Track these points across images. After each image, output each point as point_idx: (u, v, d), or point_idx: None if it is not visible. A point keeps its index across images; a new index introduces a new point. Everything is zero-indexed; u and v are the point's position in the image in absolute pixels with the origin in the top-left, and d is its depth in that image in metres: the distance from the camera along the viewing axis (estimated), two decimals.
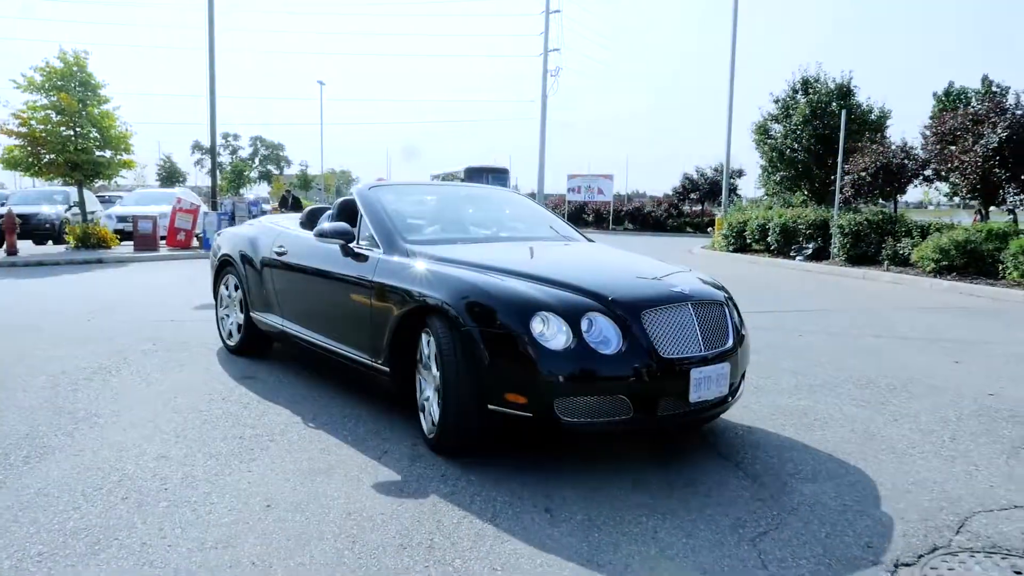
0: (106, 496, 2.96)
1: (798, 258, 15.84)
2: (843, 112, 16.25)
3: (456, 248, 4.03)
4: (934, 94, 34.60)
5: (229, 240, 5.71)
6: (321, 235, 4.23)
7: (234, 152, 68.35)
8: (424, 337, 3.56)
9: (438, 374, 3.38)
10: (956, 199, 15.94)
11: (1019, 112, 11.95)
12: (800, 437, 3.93)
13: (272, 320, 4.99)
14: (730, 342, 3.56)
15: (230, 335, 5.63)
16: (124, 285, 10.25)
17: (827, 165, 20.05)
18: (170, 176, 52.52)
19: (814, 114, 20.40)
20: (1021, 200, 12.88)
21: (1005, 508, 3.06)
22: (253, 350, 5.48)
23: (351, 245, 4.20)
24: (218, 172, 22.09)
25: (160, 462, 3.35)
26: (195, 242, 16.68)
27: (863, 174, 15.09)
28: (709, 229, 27.83)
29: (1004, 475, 3.44)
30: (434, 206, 4.98)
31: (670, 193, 40.05)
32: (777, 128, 21.77)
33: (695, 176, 38.40)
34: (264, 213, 18.13)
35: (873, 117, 21.09)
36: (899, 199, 17.34)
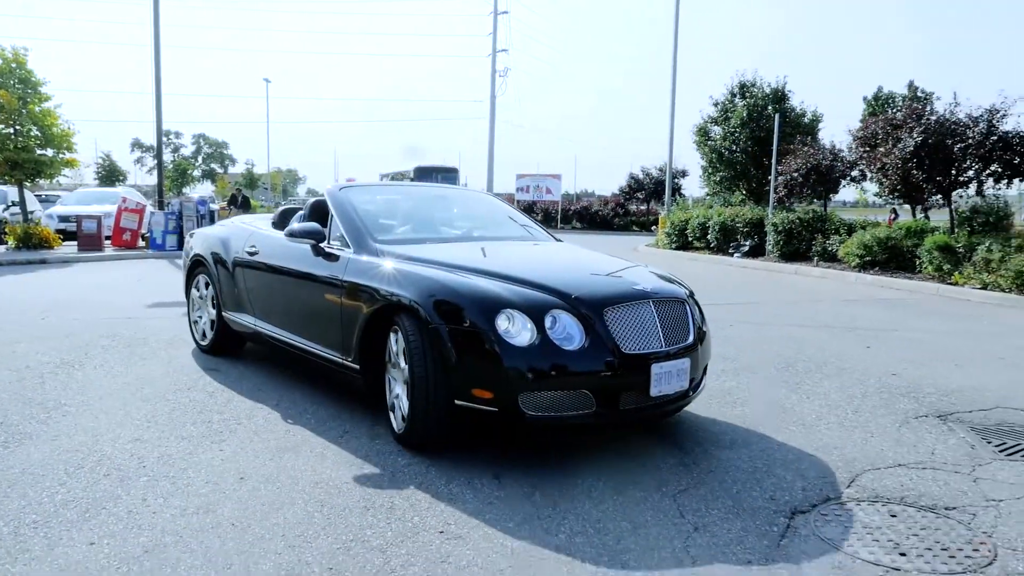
0: (88, 473, 3.21)
1: (736, 255, 16.58)
2: (777, 116, 17.07)
3: (425, 248, 4.12)
4: (864, 98, 36.23)
5: (201, 240, 5.75)
6: (292, 235, 4.32)
7: (176, 150, 66.82)
8: (393, 335, 3.65)
9: (407, 370, 3.46)
10: (884, 199, 16.89)
11: (933, 118, 12.83)
12: (723, 414, 4.38)
13: (245, 320, 5.04)
14: (691, 338, 3.68)
15: (203, 335, 5.66)
16: (73, 285, 10.23)
17: (763, 166, 20.95)
18: (109, 175, 51.05)
19: (751, 117, 21.29)
20: (937, 199, 13.80)
21: (890, 467, 3.55)
22: (226, 349, 5.53)
23: (322, 245, 4.28)
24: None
25: (135, 444, 3.60)
26: (141, 242, 16.52)
27: (795, 175, 15.91)
28: (653, 228, 28.60)
29: (894, 440, 3.94)
30: (404, 207, 5.05)
31: (617, 192, 40.86)
32: (717, 130, 22.62)
33: (640, 176, 39.26)
34: (213, 213, 18.05)
35: (806, 120, 22.11)
36: (833, 198, 18.26)
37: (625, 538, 2.73)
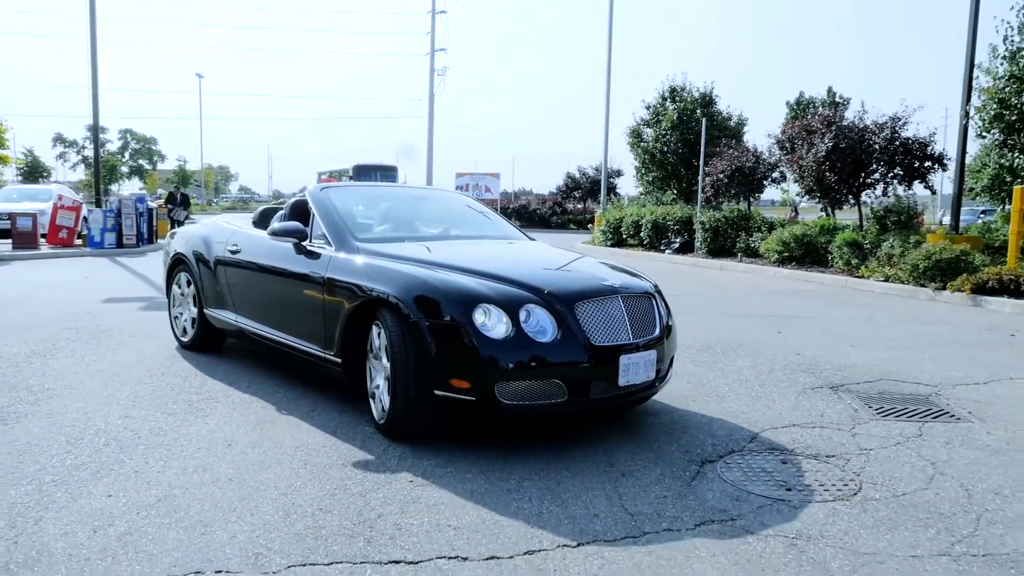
0: (89, 443, 3.59)
1: (667, 251, 17.48)
2: (704, 119, 18.06)
3: (404, 246, 4.27)
4: (787, 102, 38.03)
5: (182, 239, 5.84)
6: (275, 234, 4.49)
7: (102, 146, 64.55)
8: (374, 329, 3.79)
9: (388, 364, 3.61)
10: (802, 198, 18.11)
11: (843, 124, 13.94)
12: None
13: (227, 316, 5.15)
14: (657, 331, 3.89)
15: (184, 332, 5.76)
16: (17, 283, 10.22)
17: (693, 167, 22.00)
18: (32, 171, 49.12)
19: (681, 120, 22.35)
20: (849, 199, 14.97)
21: (786, 426, 4.22)
22: (207, 346, 5.65)
23: (304, 243, 4.44)
24: (87, 167, 21.32)
25: (126, 420, 3.97)
26: (78, 240, 16.32)
27: (721, 176, 16.92)
28: (590, 226, 29.50)
29: (791, 406, 4.63)
30: (383, 207, 5.18)
31: (555, 191, 41.75)
32: (649, 132, 23.61)
33: (577, 175, 40.25)
34: (152, 211, 17.93)
35: (732, 124, 23.29)
36: (760, 197, 19.40)
37: (564, 482, 3.29)
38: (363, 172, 37.83)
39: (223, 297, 5.21)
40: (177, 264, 5.84)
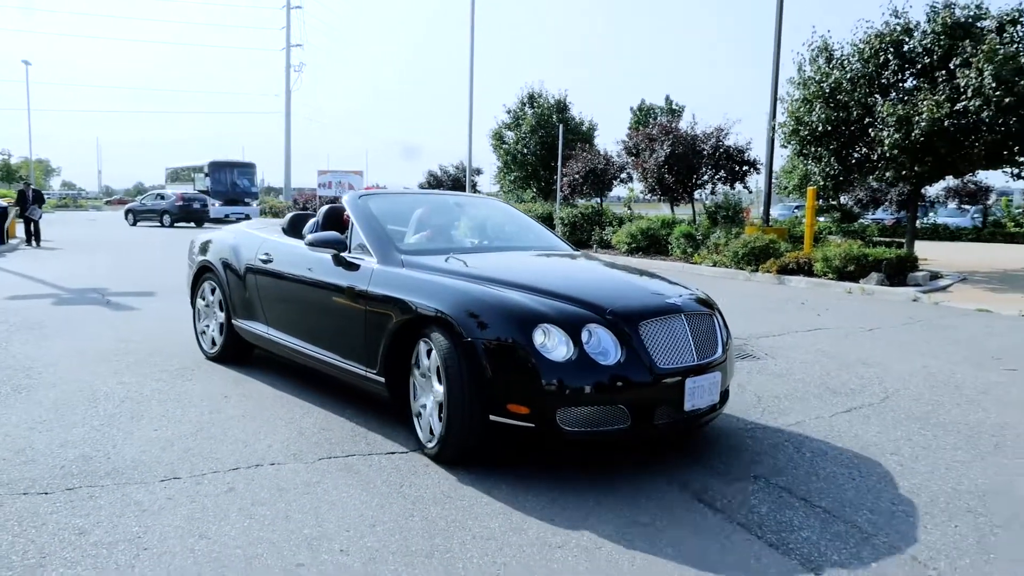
0: (108, 400, 4.43)
1: None
2: (560, 125, 19.95)
3: (450, 258, 4.10)
4: (631, 108, 41.38)
5: (209, 247, 5.65)
6: (313, 244, 4.33)
7: None
8: (422, 346, 3.62)
9: (438, 386, 3.46)
10: (646, 196, 20.47)
11: (679, 133, 16.23)
12: None
13: (257, 328, 5.00)
14: (719, 351, 3.67)
15: (212, 343, 5.55)
16: None
17: (551, 167, 23.94)
18: None
19: (539, 124, 24.19)
20: (684, 198, 17.37)
21: None
22: (235, 358, 5.42)
23: (343, 254, 4.26)
24: None
25: (124, 385, 4.80)
26: None
27: (577, 176, 18.85)
28: None
29: None
30: (422, 215, 4.87)
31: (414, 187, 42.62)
32: (510, 135, 25.33)
33: (439, 173, 41.40)
34: (4, 210, 17.22)
35: (584, 128, 25.49)
36: (609, 195, 21.58)
37: None
38: (219, 169, 36.93)
39: (253, 308, 5.06)
40: (203, 272, 5.66)
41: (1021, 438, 4.14)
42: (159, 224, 30.23)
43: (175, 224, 29.81)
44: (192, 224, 29.96)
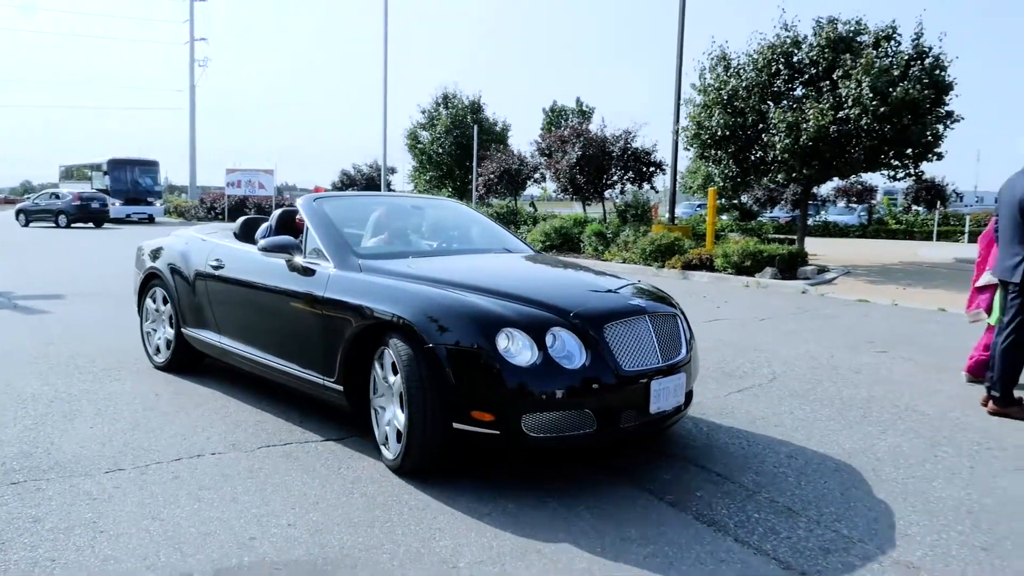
0: (38, 401, 4.46)
1: None
2: (475, 125, 20.31)
3: (409, 262, 4.03)
4: (543, 109, 42.20)
5: (156, 252, 5.49)
6: (266, 249, 4.16)
7: None
8: (385, 353, 3.49)
9: (400, 393, 3.34)
10: (559, 195, 21.13)
11: (590, 135, 16.90)
12: None
13: (208, 337, 4.85)
14: (684, 352, 3.65)
15: (157, 350, 5.41)
16: None
17: (466, 167, 24.28)
18: None
19: (454, 124, 24.48)
20: (595, 197, 18.08)
21: None
22: (183, 367, 5.27)
23: (297, 259, 4.12)
24: None
25: (50, 387, 4.81)
26: None
27: (492, 176, 19.27)
28: None
29: None
30: (381, 218, 4.76)
31: (330, 188, 42.05)
32: (425, 135, 25.50)
33: (352, 172, 41.01)
34: None
35: (498, 129, 25.94)
36: (523, 194, 22.10)
37: None
38: (119, 166, 35.35)
39: (204, 316, 4.91)
40: (151, 279, 5.48)
41: (884, 409, 4.77)
42: (54, 225, 28.69)
43: (72, 225, 28.36)
44: (91, 225, 28.62)
